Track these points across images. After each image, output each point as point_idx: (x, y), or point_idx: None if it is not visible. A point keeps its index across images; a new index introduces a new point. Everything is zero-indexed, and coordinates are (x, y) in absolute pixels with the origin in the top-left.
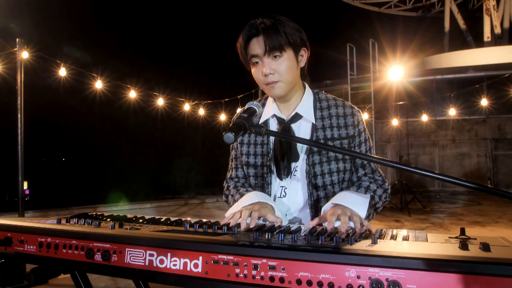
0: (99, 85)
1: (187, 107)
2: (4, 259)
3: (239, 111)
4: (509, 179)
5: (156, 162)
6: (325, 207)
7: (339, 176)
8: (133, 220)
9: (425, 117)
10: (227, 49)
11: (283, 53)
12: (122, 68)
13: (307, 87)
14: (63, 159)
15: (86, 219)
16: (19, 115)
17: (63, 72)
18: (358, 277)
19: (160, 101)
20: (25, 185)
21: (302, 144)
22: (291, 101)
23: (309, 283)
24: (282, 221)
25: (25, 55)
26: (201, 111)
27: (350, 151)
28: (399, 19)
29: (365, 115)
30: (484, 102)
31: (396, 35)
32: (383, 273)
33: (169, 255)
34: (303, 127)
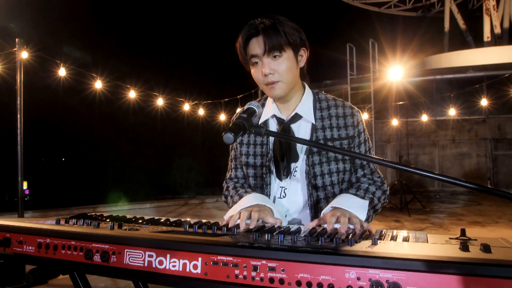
0: (98, 85)
1: (186, 107)
2: (3, 260)
3: (238, 111)
4: (509, 179)
5: (156, 162)
6: (325, 211)
7: (338, 176)
8: (132, 220)
9: (425, 117)
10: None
11: (282, 53)
12: (121, 68)
13: (306, 87)
14: (63, 159)
15: (85, 220)
16: (19, 115)
17: (62, 72)
18: (358, 278)
19: (160, 101)
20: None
21: (301, 144)
22: (291, 101)
23: (308, 284)
24: (281, 222)
25: (24, 55)
26: (201, 111)
27: (349, 151)
28: (399, 19)
29: (365, 115)
30: (484, 102)
31: (396, 35)
32: (384, 275)
33: (168, 256)
34: (302, 127)
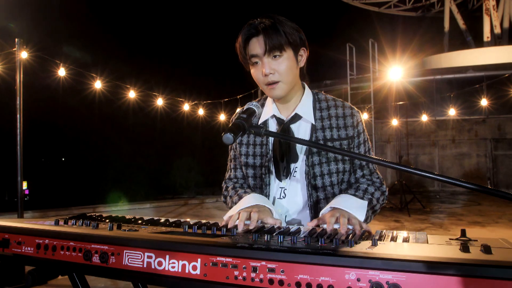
0: (98, 85)
1: (186, 107)
2: (1, 261)
3: (238, 111)
4: (509, 179)
5: (155, 162)
6: (324, 211)
7: (338, 177)
8: (131, 221)
9: (424, 117)
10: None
11: (283, 52)
12: (121, 68)
13: (306, 87)
14: (63, 159)
15: (84, 220)
16: (18, 115)
17: (62, 72)
18: (358, 280)
19: (159, 101)
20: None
21: (301, 145)
22: (291, 101)
23: (308, 285)
24: (281, 223)
25: (24, 55)
26: (201, 111)
27: (349, 152)
28: (399, 19)
29: (365, 115)
30: (484, 102)
31: (396, 35)
32: (384, 276)
33: (167, 257)
34: (302, 127)
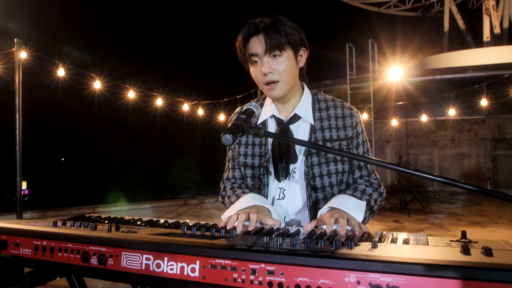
0: (97, 85)
1: (186, 107)
2: None
3: (236, 111)
4: (508, 179)
5: (155, 162)
6: (322, 211)
7: (337, 177)
8: (130, 222)
9: (424, 117)
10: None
11: (283, 52)
12: (121, 68)
13: (305, 87)
14: (62, 159)
15: (82, 222)
16: (17, 115)
17: (61, 72)
18: (358, 282)
19: (159, 101)
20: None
21: (300, 145)
22: (290, 102)
23: None
24: (280, 224)
25: (23, 55)
26: (200, 111)
27: (348, 152)
28: (398, 19)
29: (365, 115)
30: (483, 102)
31: (395, 35)
32: (384, 279)
33: (166, 259)
34: (301, 128)
